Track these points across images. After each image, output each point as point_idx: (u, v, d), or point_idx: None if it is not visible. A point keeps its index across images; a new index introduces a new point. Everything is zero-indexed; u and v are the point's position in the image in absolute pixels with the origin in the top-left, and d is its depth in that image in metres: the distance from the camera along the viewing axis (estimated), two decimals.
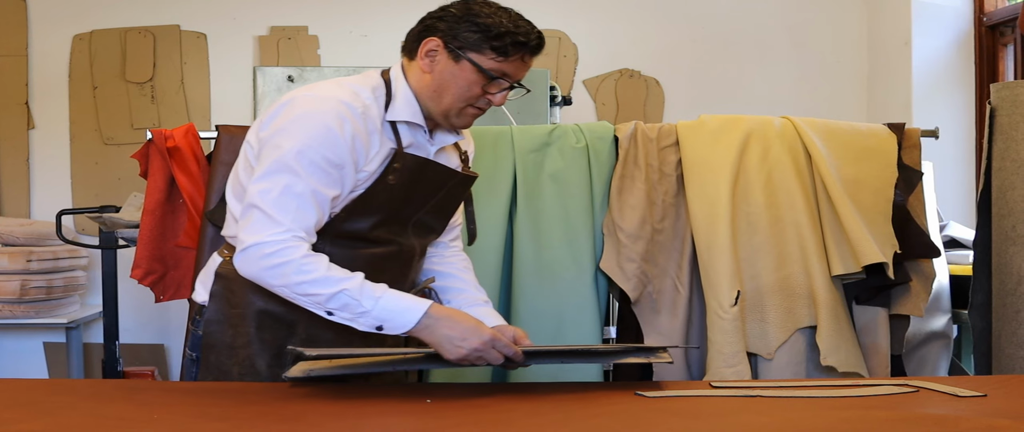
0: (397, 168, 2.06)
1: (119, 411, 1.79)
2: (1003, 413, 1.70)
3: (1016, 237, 2.81)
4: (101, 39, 4.86)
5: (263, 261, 1.94)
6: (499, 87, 2.08)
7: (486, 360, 1.95)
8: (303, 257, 1.94)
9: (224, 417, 1.73)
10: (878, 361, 2.93)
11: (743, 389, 1.92)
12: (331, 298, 1.94)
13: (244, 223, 1.98)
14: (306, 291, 1.94)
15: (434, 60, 2.06)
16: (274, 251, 1.94)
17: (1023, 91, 2.81)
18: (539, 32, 2.10)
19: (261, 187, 1.97)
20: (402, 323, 1.95)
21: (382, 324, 1.95)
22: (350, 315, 1.95)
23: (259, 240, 1.94)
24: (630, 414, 1.75)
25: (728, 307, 2.80)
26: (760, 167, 2.92)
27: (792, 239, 2.88)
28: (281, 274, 1.94)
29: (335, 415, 1.75)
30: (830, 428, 1.62)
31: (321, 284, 1.93)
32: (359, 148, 2.01)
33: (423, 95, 2.09)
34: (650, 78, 4.99)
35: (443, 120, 2.12)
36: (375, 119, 2.05)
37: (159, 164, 2.94)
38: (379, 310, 1.94)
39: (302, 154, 1.96)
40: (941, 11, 4.53)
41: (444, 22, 2.05)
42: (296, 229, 1.96)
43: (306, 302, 1.96)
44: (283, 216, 1.95)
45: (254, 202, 1.97)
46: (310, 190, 1.97)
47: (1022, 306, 2.79)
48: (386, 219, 2.10)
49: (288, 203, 1.95)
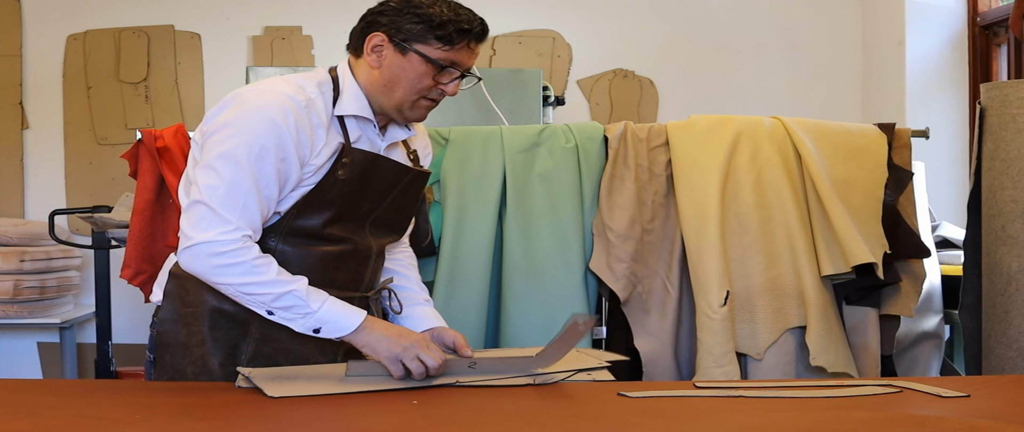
0: (346, 163, 2.06)
1: (102, 411, 1.78)
2: (985, 413, 1.70)
3: (1006, 237, 2.81)
4: (95, 39, 4.86)
5: (212, 259, 1.96)
6: (450, 76, 2.09)
7: (421, 361, 1.97)
8: (253, 259, 1.97)
9: (206, 417, 1.73)
10: (868, 361, 2.93)
11: (726, 389, 1.92)
12: (278, 298, 1.97)
13: (190, 218, 1.98)
14: (252, 291, 1.97)
15: (381, 55, 2.07)
16: (224, 252, 1.95)
17: (1012, 91, 2.81)
18: (481, 19, 2.11)
19: (207, 182, 1.97)
20: (341, 327, 2.00)
21: (321, 327, 1.99)
22: (293, 315, 1.98)
23: (208, 238, 1.95)
24: (613, 414, 1.75)
25: (717, 307, 2.80)
26: (750, 167, 2.92)
27: (782, 239, 2.87)
28: (228, 273, 1.96)
29: (319, 415, 1.75)
30: (810, 428, 1.62)
31: (270, 286, 1.96)
32: (304, 141, 2.02)
33: (374, 90, 2.10)
34: (644, 78, 4.99)
35: (396, 114, 2.12)
36: (321, 112, 2.06)
37: (148, 164, 2.94)
38: (322, 312, 1.99)
39: (248, 149, 1.96)
40: (935, 11, 4.53)
41: (386, 16, 2.07)
42: (244, 227, 1.97)
43: (250, 301, 1.99)
44: (230, 213, 1.96)
45: (201, 198, 1.97)
46: (255, 185, 1.97)
47: (1012, 306, 2.79)
48: (339, 216, 2.10)
49: (235, 200, 1.96)
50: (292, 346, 2.11)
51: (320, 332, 2.00)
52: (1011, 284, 2.79)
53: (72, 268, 4.65)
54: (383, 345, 1.99)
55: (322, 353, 2.14)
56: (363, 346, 2.02)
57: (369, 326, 2.01)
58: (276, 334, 2.09)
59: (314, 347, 2.13)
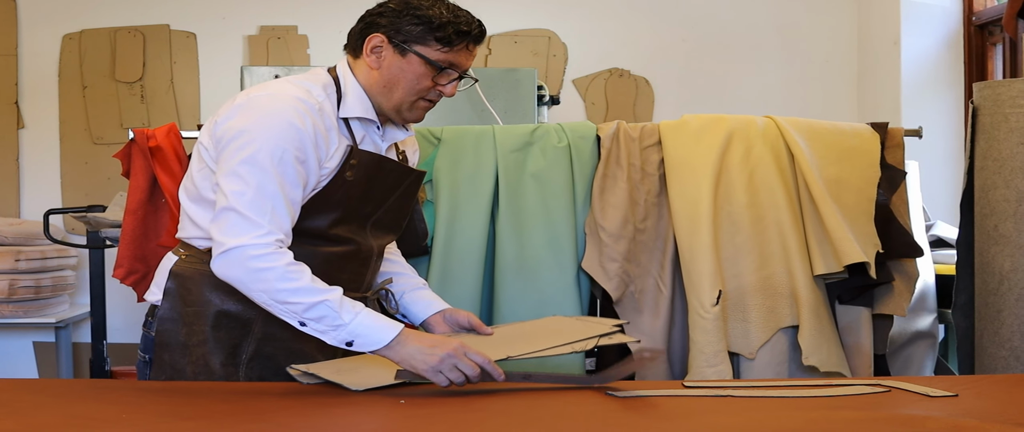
0: (354, 164, 2.07)
1: (90, 410, 1.79)
2: (971, 413, 1.70)
3: (998, 236, 2.81)
4: (91, 39, 4.87)
5: (248, 264, 1.93)
6: (449, 78, 2.10)
7: (460, 370, 1.93)
8: (287, 265, 1.94)
9: (192, 416, 1.73)
10: (861, 361, 2.93)
11: (714, 389, 1.92)
12: (311, 308, 1.93)
13: (219, 225, 1.96)
14: (286, 299, 1.93)
15: (380, 56, 2.08)
16: (259, 255, 1.92)
17: (1005, 90, 2.81)
18: (479, 20, 2.12)
19: (234, 188, 1.95)
20: (375, 340, 1.95)
21: (354, 340, 1.94)
22: (325, 327, 1.94)
23: (242, 243, 1.93)
24: (600, 413, 1.75)
25: (710, 307, 2.80)
26: (742, 167, 2.92)
27: (774, 239, 2.87)
28: (264, 280, 1.93)
29: (306, 414, 1.75)
30: (797, 428, 1.62)
31: (303, 293, 1.93)
32: (320, 142, 2.02)
33: (373, 91, 2.10)
34: (640, 78, 4.99)
35: (395, 115, 2.13)
36: (330, 116, 2.07)
37: (141, 164, 2.94)
38: (355, 324, 1.94)
39: (271, 153, 1.96)
40: (930, 10, 4.53)
41: (385, 17, 2.08)
42: (276, 232, 1.95)
43: (282, 310, 1.95)
44: (261, 218, 1.94)
45: (230, 204, 1.95)
46: (282, 189, 1.96)
47: (1004, 306, 2.79)
48: (344, 217, 2.11)
49: (264, 204, 1.95)
50: (293, 345, 2.11)
51: (352, 345, 1.95)
52: (1003, 283, 2.79)
53: (67, 267, 4.65)
54: (419, 359, 1.93)
55: (322, 352, 2.14)
56: (400, 361, 1.95)
57: (403, 340, 1.95)
58: (277, 333, 2.10)
59: (314, 346, 2.12)
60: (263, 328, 2.10)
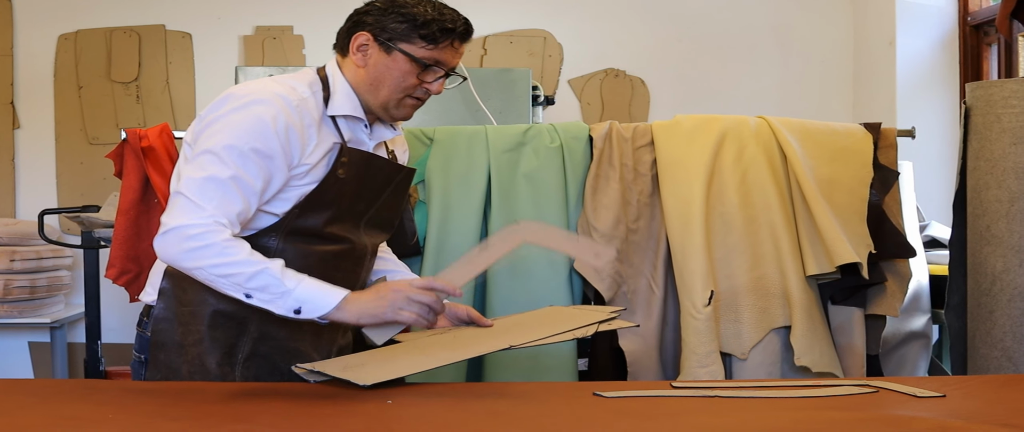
0: (345, 162, 2.08)
1: (76, 411, 1.78)
2: (958, 414, 1.70)
3: (990, 237, 2.81)
4: (86, 39, 4.86)
5: (183, 243, 1.94)
6: (434, 75, 2.11)
7: (416, 301, 1.97)
8: (224, 241, 1.94)
9: (179, 417, 1.73)
10: (853, 361, 2.93)
11: (702, 389, 1.92)
12: (252, 277, 1.93)
13: (168, 209, 1.99)
14: (225, 272, 1.93)
15: (366, 54, 2.09)
16: (196, 234, 1.93)
17: (997, 91, 2.81)
18: (465, 19, 2.12)
19: (189, 174, 1.98)
20: (322, 304, 1.95)
21: (301, 306, 1.94)
22: (270, 296, 1.94)
23: (180, 223, 1.94)
24: (587, 415, 1.75)
25: (701, 307, 2.79)
26: (735, 167, 2.92)
27: (767, 239, 2.87)
28: (200, 256, 1.93)
29: (290, 415, 1.75)
30: (783, 428, 1.62)
31: (243, 265, 1.93)
32: (294, 140, 2.02)
33: (360, 89, 2.11)
34: (635, 78, 4.98)
35: (383, 112, 2.14)
36: (313, 112, 2.07)
37: (133, 164, 2.94)
38: (300, 291, 1.94)
39: (231, 145, 1.97)
40: (925, 11, 4.53)
41: (371, 16, 2.09)
42: (219, 216, 1.96)
43: (224, 283, 1.95)
44: (206, 203, 1.95)
45: (179, 189, 1.98)
46: (234, 178, 1.97)
47: (996, 306, 2.79)
48: (338, 215, 2.11)
49: (212, 191, 1.96)
50: (289, 344, 2.12)
51: (301, 312, 1.95)
52: (995, 284, 2.79)
53: (63, 268, 4.65)
54: (371, 310, 1.97)
55: (317, 350, 2.14)
56: (355, 320, 1.98)
57: (350, 299, 1.97)
58: (274, 332, 2.10)
59: (309, 344, 2.13)
60: (259, 327, 2.10)
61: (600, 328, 2.14)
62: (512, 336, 2.09)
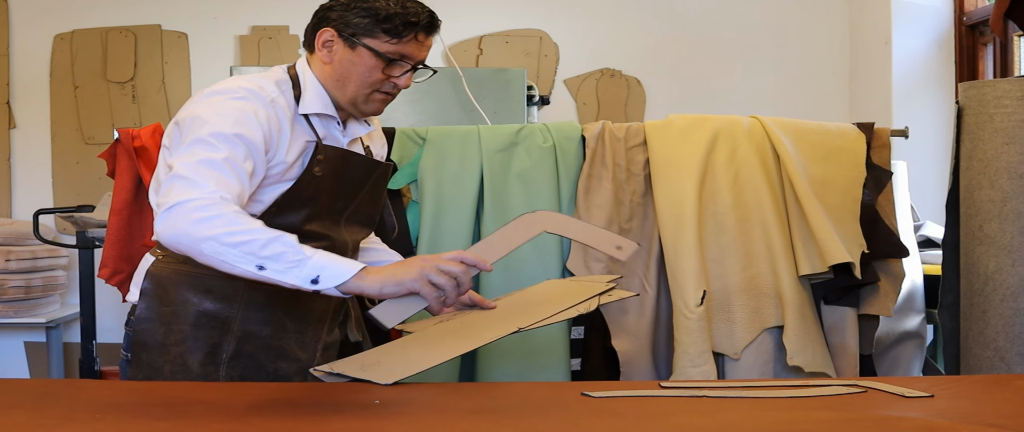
0: (321, 160, 2.07)
1: (63, 411, 1.78)
2: (945, 414, 1.69)
3: (983, 237, 2.81)
4: (82, 39, 4.87)
5: (192, 214, 1.83)
6: (401, 69, 2.09)
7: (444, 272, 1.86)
8: (234, 211, 1.86)
9: (166, 417, 1.73)
10: (846, 361, 2.92)
11: (690, 389, 1.92)
12: (267, 244, 1.81)
13: (165, 192, 1.90)
14: (239, 240, 1.81)
15: (332, 50, 2.08)
16: (203, 205, 1.83)
17: (989, 90, 2.80)
18: (430, 11, 2.09)
19: (181, 160, 1.92)
20: (342, 272, 1.83)
21: (319, 274, 1.82)
22: (285, 265, 1.82)
23: (185, 198, 1.85)
24: (574, 414, 1.75)
25: (694, 307, 2.79)
26: (728, 167, 2.91)
27: (759, 239, 2.87)
28: (211, 225, 1.82)
29: (277, 415, 1.75)
30: (770, 428, 1.62)
31: (258, 232, 1.83)
32: (272, 130, 2.01)
33: (328, 85, 2.10)
34: (631, 78, 4.98)
35: (352, 108, 2.13)
36: (284, 109, 2.05)
37: (126, 164, 2.94)
38: (318, 257, 1.83)
39: (218, 132, 1.94)
40: (921, 10, 4.52)
41: (334, 11, 2.07)
42: (222, 191, 1.88)
43: (235, 255, 1.82)
44: (206, 181, 1.88)
45: (176, 172, 1.90)
46: (227, 160, 1.92)
47: (988, 306, 2.79)
48: (317, 213, 2.11)
49: (209, 171, 1.90)
50: (273, 342, 2.12)
51: (318, 282, 1.82)
52: (988, 284, 2.79)
53: (58, 267, 4.65)
54: (396, 277, 1.85)
55: (302, 349, 2.14)
56: (376, 289, 1.85)
57: (371, 269, 1.87)
58: (257, 331, 2.10)
59: (294, 342, 2.13)
60: (242, 327, 2.10)
61: (602, 301, 2.15)
62: (519, 319, 2.08)
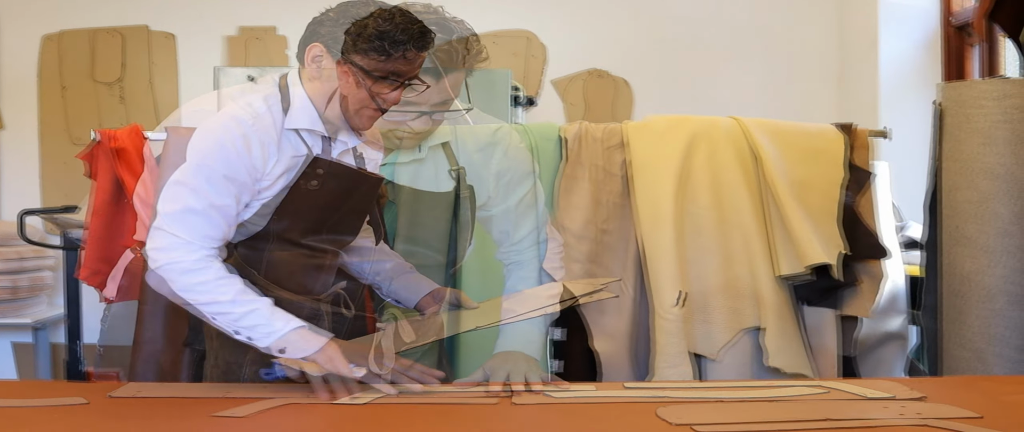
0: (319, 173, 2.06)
1: (28, 413, 1.78)
2: (906, 415, 1.69)
3: (961, 238, 2.80)
4: (70, 39, 4.87)
5: (177, 279, 1.94)
6: (390, 87, 2.04)
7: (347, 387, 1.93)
8: (217, 276, 1.94)
9: (129, 416, 1.73)
10: (826, 362, 2.92)
11: (654, 390, 1.92)
12: (242, 317, 1.93)
13: (152, 241, 1.98)
14: (217, 310, 1.94)
15: (321, 66, 2.04)
16: (189, 269, 1.93)
17: (968, 91, 2.80)
18: (422, 26, 2.04)
19: (164, 209, 1.98)
20: (305, 348, 1.93)
21: (285, 347, 1.93)
22: (258, 336, 1.94)
23: (172, 260, 1.94)
24: (535, 415, 1.75)
25: (671, 308, 2.79)
26: (706, 168, 2.91)
27: (738, 240, 2.87)
28: (195, 292, 1.94)
29: (251, 417, 1.75)
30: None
31: (236, 305, 1.93)
32: (256, 158, 2.01)
33: (317, 100, 2.07)
34: (619, 78, 4.98)
35: (341, 123, 2.10)
36: (268, 128, 2.03)
37: (105, 165, 2.95)
38: (287, 333, 1.93)
39: (198, 172, 1.97)
40: (908, 11, 4.52)
41: (324, 26, 2.04)
42: (205, 245, 1.96)
43: (215, 321, 1.95)
44: (192, 235, 1.95)
45: (159, 224, 1.97)
46: (209, 206, 1.97)
47: (967, 307, 2.78)
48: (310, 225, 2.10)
49: (191, 221, 1.95)
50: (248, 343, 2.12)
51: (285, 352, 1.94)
52: (966, 285, 2.78)
53: (45, 268, 4.65)
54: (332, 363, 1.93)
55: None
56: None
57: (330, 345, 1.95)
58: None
59: None
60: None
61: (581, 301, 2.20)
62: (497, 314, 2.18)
